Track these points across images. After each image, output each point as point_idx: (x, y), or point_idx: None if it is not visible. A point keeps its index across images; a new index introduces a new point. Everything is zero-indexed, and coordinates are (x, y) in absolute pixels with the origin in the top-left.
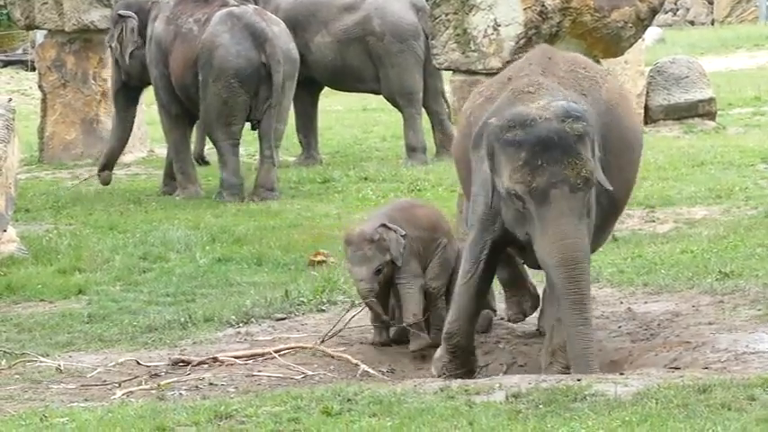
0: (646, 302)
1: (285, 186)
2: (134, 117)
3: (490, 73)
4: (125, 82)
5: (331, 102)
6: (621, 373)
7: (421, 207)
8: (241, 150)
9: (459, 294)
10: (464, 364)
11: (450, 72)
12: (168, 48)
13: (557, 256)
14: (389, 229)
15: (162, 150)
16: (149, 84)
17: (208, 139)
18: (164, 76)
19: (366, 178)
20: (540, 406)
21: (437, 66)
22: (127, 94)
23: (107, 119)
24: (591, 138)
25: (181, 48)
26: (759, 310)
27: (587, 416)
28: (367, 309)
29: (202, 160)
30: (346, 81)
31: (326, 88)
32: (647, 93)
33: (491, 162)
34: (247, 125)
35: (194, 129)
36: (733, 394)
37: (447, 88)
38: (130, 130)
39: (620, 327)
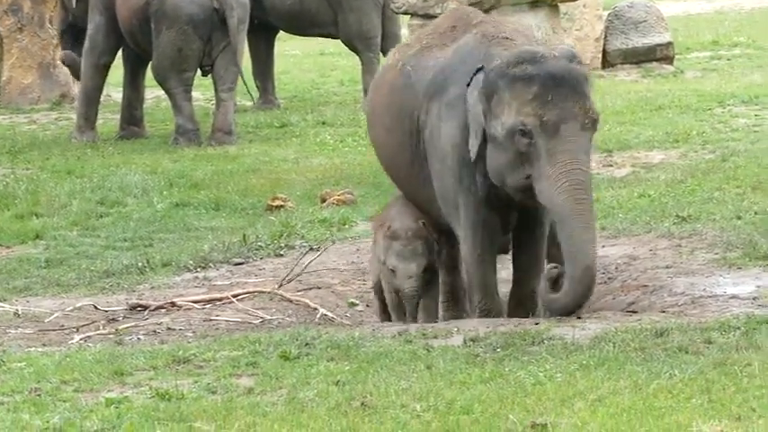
0: (603, 246)
1: (243, 131)
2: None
3: None
4: (72, 23)
5: (289, 46)
6: (579, 317)
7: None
8: (198, 95)
9: (474, 272)
10: None
11: (408, 16)
12: None
13: (564, 182)
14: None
15: (118, 95)
16: None
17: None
18: (108, 24)
19: (324, 123)
20: (498, 350)
21: (395, 9)
22: (73, 35)
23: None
24: (592, 83)
25: None
26: (716, 253)
27: (545, 359)
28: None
29: None
30: (304, 25)
31: (283, 33)
32: (605, 37)
33: (487, 105)
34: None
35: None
36: (690, 338)
37: (404, 32)
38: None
39: None
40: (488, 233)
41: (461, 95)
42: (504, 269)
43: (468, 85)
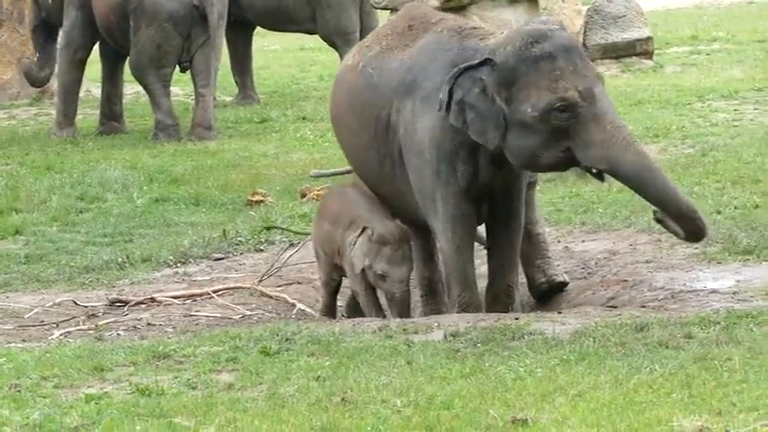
0: (583, 241)
1: (223, 126)
2: (54, 52)
3: None
4: (44, 19)
5: (268, 41)
6: (559, 312)
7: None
8: (178, 90)
9: (453, 265)
10: None
11: (388, 11)
12: None
13: (624, 141)
14: None
15: (98, 90)
16: None
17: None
18: (84, 19)
19: (304, 118)
20: (479, 345)
21: (374, 5)
22: (46, 32)
23: None
24: None
25: None
26: (696, 248)
27: (525, 354)
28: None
29: None
30: (281, 22)
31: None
32: (585, 32)
33: (508, 93)
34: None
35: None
36: (670, 332)
37: None
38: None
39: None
40: (466, 225)
41: (437, 90)
42: (484, 264)
43: (456, 80)
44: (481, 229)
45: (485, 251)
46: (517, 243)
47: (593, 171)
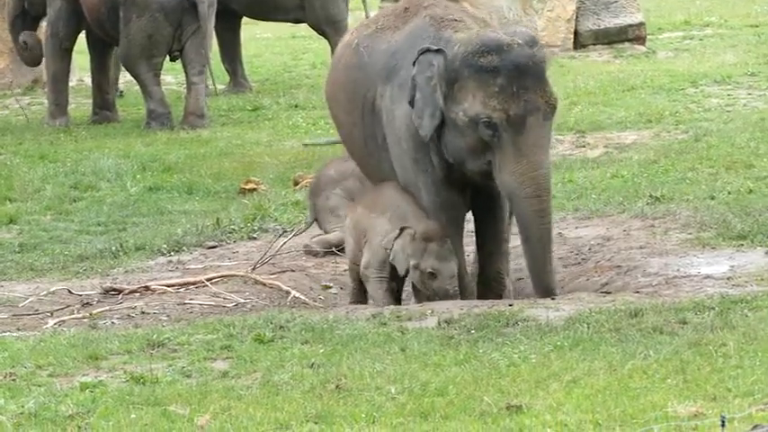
0: (577, 227)
1: (215, 114)
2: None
3: None
4: (25, 9)
5: (260, 29)
6: (553, 298)
7: None
8: (170, 78)
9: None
10: None
11: None
12: None
13: (531, 187)
14: None
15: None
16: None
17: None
18: (69, 9)
19: (296, 106)
20: (473, 331)
21: None
22: (25, 22)
23: None
24: (549, 65)
25: None
26: (690, 233)
27: (519, 341)
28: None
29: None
30: (268, 11)
31: None
32: (577, 17)
33: (448, 89)
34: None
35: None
36: (664, 318)
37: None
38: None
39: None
40: (451, 212)
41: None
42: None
43: (418, 58)
44: None
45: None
46: (503, 230)
47: None
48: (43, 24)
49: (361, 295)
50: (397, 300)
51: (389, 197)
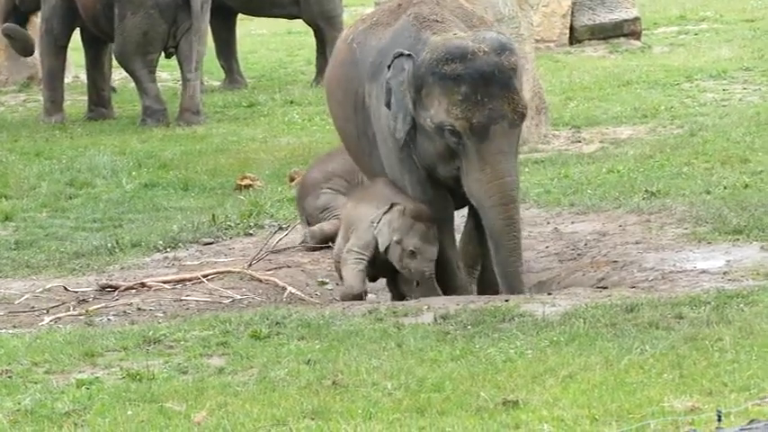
0: (573, 222)
1: (211, 111)
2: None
3: None
4: (17, 6)
5: (255, 25)
6: (549, 293)
7: None
8: (166, 75)
9: (444, 247)
10: None
11: None
12: None
13: (496, 195)
14: None
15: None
16: (38, 10)
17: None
18: (64, 6)
19: (292, 102)
20: (469, 327)
21: None
22: (17, 20)
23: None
24: (521, 71)
25: None
26: (686, 228)
27: (515, 336)
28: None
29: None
30: (263, 7)
31: None
32: (572, 13)
33: (416, 94)
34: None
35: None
36: (660, 313)
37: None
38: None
39: (547, 247)
40: (438, 210)
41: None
42: None
43: (393, 61)
44: None
45: None
46: None
47: None
48: (36, 20)
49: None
50: (369, 281)
51: (378, 190)
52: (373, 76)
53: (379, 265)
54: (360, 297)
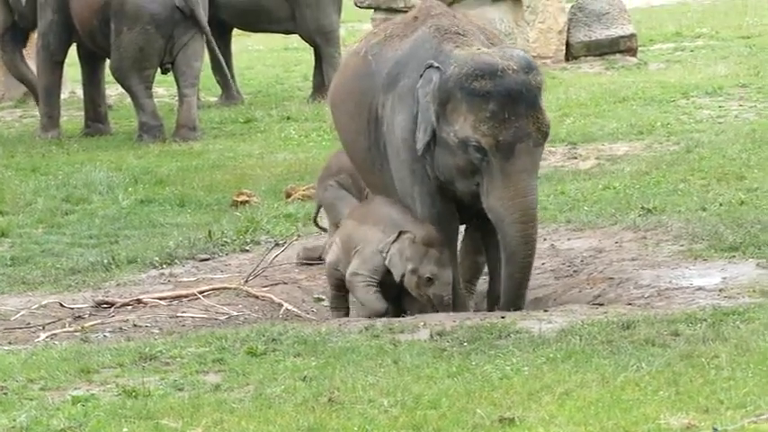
0: (569, 239)
1: (207, 126)
2: (23, 58)
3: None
4: (15, 22)
5: (252, 41)
6: (545, 310)
7: None
8: (162, 91)
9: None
10: None
11: (372, 10)
12: None
13: (517, 213)
14: None
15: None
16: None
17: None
18: (61, 21)
19: (288, 118)
20: (465, 343)
21: (358, 4)
22: (15, 37)
23: (29, 61)
24: (544, 90)
25: None
26: (682, 245)
27: (512, 353)
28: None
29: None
30: (260, 22)
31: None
32: (569, 29)
33: (440, 108)
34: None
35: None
36: (657, 330)
37: (368, 27)
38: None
39: (543, 264)
40: (445, 224)
41: (412, 88)
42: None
43: (424, 71)
44: None
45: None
46: None
47: None
48: (35, 37)
49: (340, 300)
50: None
51: (381, 211)
52: (389, 86)
53: (385, 288)
54: (385, 314)
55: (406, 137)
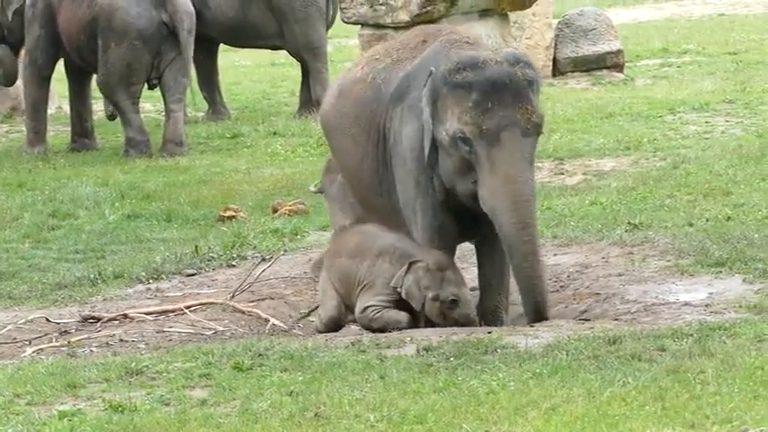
0: (555, 254)
1: (194, 142)
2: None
3: (398, 27)
4: (4, 38)
5: (239, 56)
6: (532, 325)
7: None
8: (149, 106)
9: None
10: None
11: (359, 26)
12: (57, 8)
13: (508, 199)
14: None
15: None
16: None
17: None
18: (48, 36)
19: (275, 133)
20: (451, 359)
21: (345, 20)
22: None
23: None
24: (539, 86)
25: (71, 7)
26: (668, 261)
27: (498, 368)
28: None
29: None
30: (247, 38)
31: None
32: (556, 45)
33: (432, 108)
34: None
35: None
36: (643, 345)
37: (355, 42)
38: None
39: None
40: (445, 238)
41: (419, 98)
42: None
43: (428, 78)
44: None
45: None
46: (504, 263)
47: None
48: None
49: None
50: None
51: (380, 242)
52: (398, 99)
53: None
54: (409, 322)
55: (414, 146)
